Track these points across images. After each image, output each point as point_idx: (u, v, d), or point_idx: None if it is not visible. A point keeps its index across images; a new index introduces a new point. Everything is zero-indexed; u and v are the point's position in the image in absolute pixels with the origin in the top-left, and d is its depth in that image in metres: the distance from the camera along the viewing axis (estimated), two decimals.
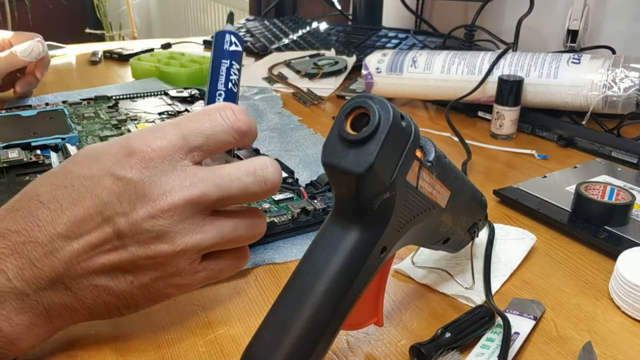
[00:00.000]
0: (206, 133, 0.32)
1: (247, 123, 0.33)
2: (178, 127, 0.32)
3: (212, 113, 0.33)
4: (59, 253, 0.31)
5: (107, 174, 0.31)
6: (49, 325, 0.32)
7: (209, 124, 0.33)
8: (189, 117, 0.33)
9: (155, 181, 0.31)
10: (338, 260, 0.28)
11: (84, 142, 0.62)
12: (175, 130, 0.32)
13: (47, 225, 0.30)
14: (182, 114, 0.72)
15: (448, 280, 0.42)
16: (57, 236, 0.30)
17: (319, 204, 0.48)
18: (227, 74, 0.40)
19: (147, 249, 0.31)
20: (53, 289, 0.31)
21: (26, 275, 0.30)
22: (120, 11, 3.20)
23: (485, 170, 0.63)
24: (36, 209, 0.31)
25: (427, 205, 0.32)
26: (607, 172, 0.59)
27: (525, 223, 0.51)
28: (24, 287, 0.30)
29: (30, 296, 0.31)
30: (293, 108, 0.82)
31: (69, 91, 0.87)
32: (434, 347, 0.33)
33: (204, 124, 0.33)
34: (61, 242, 0.31)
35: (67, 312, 0.32)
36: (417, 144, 0.29)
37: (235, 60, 0.40)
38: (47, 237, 0.30)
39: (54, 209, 0.31)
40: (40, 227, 0.30)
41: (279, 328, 0.27)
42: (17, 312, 0.30)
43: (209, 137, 0.32)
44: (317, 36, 1.14)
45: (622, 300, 0.39)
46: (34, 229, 0.30)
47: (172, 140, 0.32)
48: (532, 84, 0.71)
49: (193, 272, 0.33)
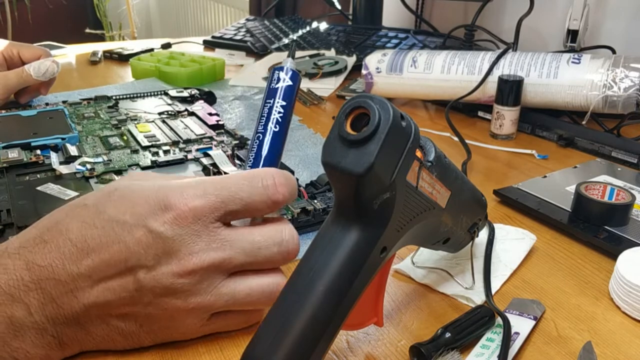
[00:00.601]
0: (245, 201, 0.32)
1: (285, 195, 0.33)
2: (218, 187, 0.32)
3: (254, 180, 0.33)
4: (79, 294, 0.31)
5: (139, 225, 0.31)
6: (59, 354, 0.33)
7: (248, 191, 0.32)
8: (231, 180, 0.33)
9: (186, 240, 0.31)
10: (338, 260, 0.28)
11: (84, 142, 0.62)
12: (215, 191, 0.32)
13: (71, 265, 0.31)
14: (182, 114, 0.72)
15: (448, 280, 0.42)
16: (79, 276, 0.31)
17: (319, 204, 0.48)
18: (268, 113, 0.38)
19: (161, 302, 0.32)
20: (69, 325, 0.32)
21: (47, 311, 0.31)
22: (120, 11, 3.20)
23: (485, 170, 0.63)
24: (64, 246, 0.31)
25: (427, 205, 0.32)
26: (607, 172, 0.59)
27: (525, 223, 0.51)
28: (44, 321, 0.31)
29: (48, 330, 0.31)
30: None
31: (69, 91, 0.87)
32: (434, 347, 0.33)
33: (244, 190, 0.32)
34: (82, 283, 0.31)
35: (77, 344, 0.33)
36: (417, 144, 0.29)
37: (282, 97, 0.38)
38: (69, 276, 0.31)
39: (81, 249, 0.31)
40: (65, 266, 0.31)
41: (279, 328, 0.27)
42: (35, 346, 0.31)
43: (246, 204, 0.32)
44: (317, 36, 1.14)
45: (622, 300, 0.39)
46: (59, 265, 0.31)
47: (210, 201, 0.31)
48: (532, 84, 0.71)
49: (200, 325, 0.34)
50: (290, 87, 0.39)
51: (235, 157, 0.58)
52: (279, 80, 0.39)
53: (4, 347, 0.30)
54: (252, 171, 0.34)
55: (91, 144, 0.62)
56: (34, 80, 0.74)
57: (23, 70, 0.73)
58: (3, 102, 0.74)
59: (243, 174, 0.33)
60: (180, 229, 0.31)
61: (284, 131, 0.39)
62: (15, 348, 0.30)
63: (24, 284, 0.30)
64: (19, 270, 0.30)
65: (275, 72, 0.39)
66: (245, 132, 0.70)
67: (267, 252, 0.33)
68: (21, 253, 0.31)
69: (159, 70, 0.93)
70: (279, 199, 0.33)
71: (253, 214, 0.34)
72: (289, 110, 0.39)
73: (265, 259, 0.33)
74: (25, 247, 0.31)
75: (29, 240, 0.31)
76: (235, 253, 0.32)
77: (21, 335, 0.30)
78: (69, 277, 0.31)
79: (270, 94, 0.38)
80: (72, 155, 0.57)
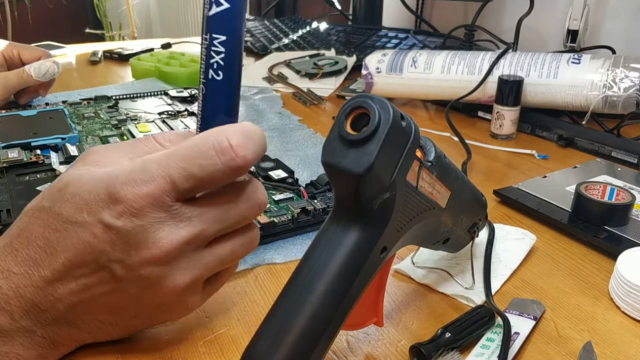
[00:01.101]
0: (197, 176, 0.29)
1: (246, 158, 0.29)
2: (165, 167, 0.29)
3: (205, 148, 0.29)
4: (58, 294, 0.30)
5: (96, 222, 0.29)
6: (55, 353, 0.32)
7: (200, 164, 0.29)
8: (179, 152, 0.29)
9: (148, 229, 0.29)
10: (338, 260, 0.28)
11: (84, 142, 0.62)
12: (162, 171, 0.29)
13: (44, 270, 0.30)
14: (182, 114, 0.72)
15: (448, 280, 0.42)
16: (54, 280, 0.30)
17: (319, 204, 0.48)
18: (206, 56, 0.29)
19: (148, 292, 0.31)
20: (58, 325, 0.31)
21: (31, 315, 0.30)
22: (120, 11, 3.20)
23: (485, 170, 0.63)
24: (34, 252, 0.30)
25: (427, 205, 0.32)
26: (607, 172, 0.59)
27: (525, 223, 0.51)
28: (30, 325, 0.31)
29: (36, 332, 0.31)
30: (293, 108, 0.82)
31: (69, 91, 0.87)
32: (434, 347, 0.33)
33: (195, 164, 0.29)
34: (58, 285, 0.30)
35: (73, 342, 0.33)
36: (417, 144, 0.29)
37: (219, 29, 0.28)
38: (44, 281, 0.30)
39: (50, 253, 0.30)
40: (40, 272, 0.30)
41: (279, 328, 0.27)
42: (26, 348, 0.31)
43: (200, 179, 0.29)
44: (317, 36, 1.14)
45: (622, 300, 0.39)
46: (34, 272, 0.30)
47: (159, 185, 0.29)
48: (532, 84, 0.71)
49: (198, 298, 0.33)
50: (229, 12, 0.28)
51: None
52: (211, 4, 0.28)
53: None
54: (202, 135, 0.29)
55: (91, 144, 0.62)
56: (35, 80, 0.74)
57: (23, 71, 0.73)
58: (3, 103, 0.74)
59: (193, 141, 0.29)
60: (138, 219, 0.29)
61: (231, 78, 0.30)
62: (5, 353, 0.30)
63: (2, 293, 0.30)
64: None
65: None
66: None
67: (237, 211, 0.31)
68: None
69: (159, 70, 0.93)
70: (239, 164, 0.29)
71: (213, 185, 0.30)
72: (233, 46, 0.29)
73: (237, 219, 0.32)
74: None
75: (1, 248, 0.31)
76: (206, 225, 0.30)
77: (9, 340, 0.30)
78: (44, 282, 0.30)
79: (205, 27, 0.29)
80: (72, 155, 0.57)
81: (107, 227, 0.29)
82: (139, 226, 0.29)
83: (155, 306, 0.32)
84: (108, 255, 0.30)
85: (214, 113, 0.31)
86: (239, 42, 0.29)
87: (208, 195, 0.31)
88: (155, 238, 0.29)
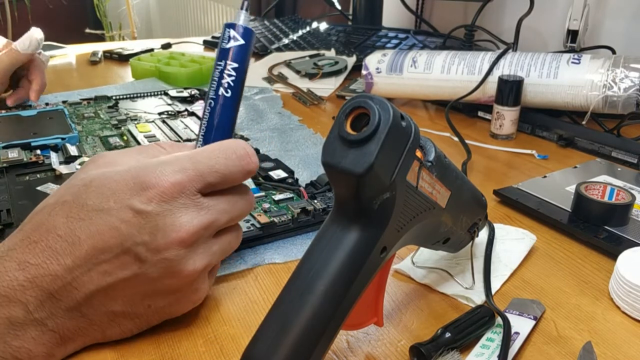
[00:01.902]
0: (221, 172, 0.34)
1: (257, 164, 0.36)
2: (195, 162, 0.34)
3: (228, 152, 0.35)
4: (78, 284, 0.31)
5: (125, 207, 0.32)
6: (62, 350, 0.33)
7: (224, 164, 0.34)
8: (205, 153, 0.34)
9: (175, 212, 0.32)
10: (338, 260, 0.28)
11: (84, 142, 0.62)
12: (192, 165, 0.33)
13: (65, 258, 0.31)
14: (182, 114, 0.72)
15: (448, 280, 0.42)
16: (75, 267, 0.31)
17: (319, 204, 0.48)
18: (219, 77, 0.36)
19: (169, 275, 0.33)
20: (71, 317, 0.32)
21: (46, 306, 0.31)
22: (120, 11, 3.20)
23: (485, 170, 0.63)
24: (54, 242, 0.31)
25: (427, 205, 0.32)
26: (607, 172, 0.59)
27: (525, 223, 0.51)
28: (43, 317, 0.31)
29: (48, 326, 0.31)
30: (293, 108, 0.82)
31: (69, 91, 0.87)
32: (434, 347, 0.33)
33: (220, 162, 0.34)
34: (79, 273, 0.31)
35: (81, 337, 0.33)
36: (417, 144, 0.29)
37: (233, 58, 0.36)
38: (65, 269, 0.31)
39: (72, 242, 0.31)
40: (59, 260, 0.31)
41: (279, 328, 0.27)
42: (37, 344, 0.31)
43: (223, 176, 0.34)
44: (317, 36, 1.14)
45: (622, 300, 0.39)
46: (52, 262, 0.31)
47: (189, 175, 0.33)
48: (532, 84, 0.71)
49: (206, 285, 0.36)
50: (243, 47, 0.36)
51: None
52: (229, 40, 0.36)
53: (6, 348, 0.30)
54: (223, 143, 0.35)
55: (91, 144, 0.62)
56: (23, 55, 0.75)
57: (11, 50, 0.75)
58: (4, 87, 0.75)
59: (215, 146, 0.35)
60: (167, 204, 0.32)
61: (237, 96, 0.37)
62: (16, 348, 0.30)
63: (18, 284, 0.30)
64: (11, 271, 0.30)
65: (226, 30, 0.36)
66: (246, 132, 0.70)
67: (240, 205, 0.36)
68: (11, 255, 0.31)
69: (159, 70, 0.93)
70: (253, 168, 0.36)
71: (230, 184, 0.35)
72: (241, 73, 0.37)
73: (239, 212, 0.36)
74: (14, 249, 0.31)
75: (17, 243, 0.32)
76: (219, 214, 0.34)
77: (22, 334, 0.31)
78: (64, 270, 0.31)
79: (221, 55, 0.36)
80: (72, 155, 0.57)
81: (136, 212, 0.32)
82: (167, 210, 0.32)
83: (170, 293, 0.34)
84: (134, 238, 0.31)
85: (218, 123, 0.37)
86: (245, 70, 0.37)
87: (218, 192, 0.35)
88: (181, 222, 0.32)
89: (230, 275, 0.42)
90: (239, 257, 0.44)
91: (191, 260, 0.33)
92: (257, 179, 0.52)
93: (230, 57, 0.36)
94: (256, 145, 0.64)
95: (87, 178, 0.33)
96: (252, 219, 0.46)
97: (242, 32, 0.36)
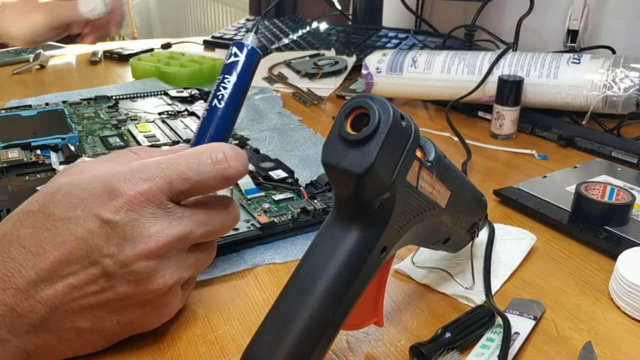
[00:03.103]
0: (193, 179, 0.32)
1: (238, 169, 0.33)
2: (165, 169, 0.32)
3: (202, 156, 0.32)
4: (41, 297, 0.30)
5: (92, 216, 0.30)
6: None
7: (196, 169, 0.32)
8: (178, 159, 0.32)
9: (144, 223, 0.31)
10: (338, 260, 0.28)
11: (84, 142, 0.62)
12: (161, 172, 0.31)
13: (28, 270, 0.29)
14: (182, 114, 0.72)
15: (448, 280, 0.42)
16: (40, 280, 0.29)
17: (319, 204, 0.48)
18: (215, 89, 0.37)
19: (138, 289, 0.31)
20: (35, 333, 0.30)
21: (8, 322, 0.29)
22: None
23: (485, 170, 0.63)
24: (17, 254, 0.30)
25: (427, 205, 0.32)
26: (607, 172, 0.59)
27: (525, 223, 0.51)
28: (5, 334, 0.29)
29: (11, 342, 0.30)
30: (293, 108, 0.82)
31: (69, 91, 0.87)
32: (434, 347, 0.33)
33: (192, 168, 0.32)
34: (43, 286, 0.30)
35: (49, 354, 0.31)
36: (417, 144, 0.29)
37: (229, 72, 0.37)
38: (28, 282, 0.29)
39: (37, 253, 0.30)
40: (22, 273, 0.29)
41: (279, 328, 0.27)
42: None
43: (195, 183, 0.32)
44: (317, 36, 1.14)
45: (622, 300, 0.39)
46: (15, 274, 0.29)
47: (158, 183, 0.31)
48: (532, 84, 0.71)
49: (177, 300, 0.34)
50: (243, 63, 0.38)
51: None
52: (230, 56, 0.38)
53: None
54: (200, 147, 0.33)
55: (91, 144, 0.62)
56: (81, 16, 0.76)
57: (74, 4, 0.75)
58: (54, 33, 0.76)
59: (191, 151, 0.33)
60: (135, 214, 0.30)
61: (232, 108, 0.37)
62: None
63: None
64: None
65: (231, 48, 0.38)
66: (246, 132, 0.70)
67: (220, 218, 0.34)
68: None
69: (159, 70, 0.93)
70: (232, 174, 0.33)
71: (205, 191, 0.33)
72: (238, 87, 0.37)
73: (219, 226, 0.34)
74: None
75: None
76: (195, 226, 0.32)
77: None
78: (27, 284, 0.29)
79: (222, 70, 0.38)
80: (72, 155, 0.57)
81: (103, 221, 0.30)
82: (135, 220, 0.30)
83: (139, 307, 0.32)
84: (101, 250, 0.30)
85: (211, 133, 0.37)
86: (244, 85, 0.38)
87: (197, 202, 0.34)
88: (150, 232, 0.31)
89: (230, 275, 0.42)
90: (239, 257, 0.44)
91: (161, 273, 0.31)
92: (257, 179, 0.52)
93: (229, 71, 0.37)
94: (256, 145, 0.64)
95: (54, 186, 0.32)
96: (252, 219, 0.46)
97: (244, 49, 0.38)
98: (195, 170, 0.32)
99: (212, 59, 0.95)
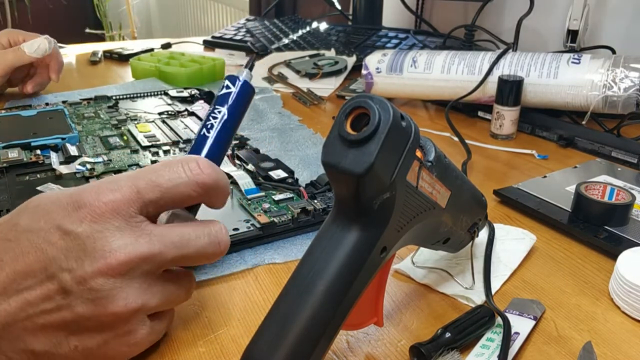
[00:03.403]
0: (163, 186, 0.30)
1: (213, 177, 0.31)
2: (134, 179, 0.30)
3: (173, 165, 0.31)
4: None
5: (54, 228, 0.28)
6: None
7: (167, 177, 0.30)
8: (148, 169, 0.31)
9: (107, 236, 0.28)
10: (338, 260, 0.28)
11: (84, 142, 0.62)
12: (129, 182, 0.30)
13: None
14: (182, 114, 0.72)
15: (448, 280, 0.42)
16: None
17: (319, 204, 0.48)
18: (205, 119, 0.37)
19: (96, 309, 0.28)
20: None
21: None
22: (120, 11, 3.20)
23: (485, 170, 0.63)
24: None
25: (427, 205, 0.32)
26: (607, 172, 0.59)
27: (525, 223, 0.51)
28: None
29: None
30: (293, 108, 0.82)
31: (69, 91, 0.87)
32: (434, 347, 0.33)
33: (162, 176, 0.30)
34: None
35: None
36: (417, 144, 0.29)
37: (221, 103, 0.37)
38: None
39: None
40: None
41: (279, 328, 0.27)
42: None
43: (166, 190, 0.30)
44: (317, 36, 1.14)
45: (622, 300, 0.39)
46: None
47: (125, 193, 0.29)
48: (532, 84, 0.71)
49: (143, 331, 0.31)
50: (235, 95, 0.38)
51: (235, 157, 0.58)
52: (223, 88, 0.38)
53: None
54: (172, 159, 0.32)
55: (91, 144, 0.62)
56: (28, 57, 0.78)
57: (18, 48, 0.78)
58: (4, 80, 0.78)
59: (162, 162, 0.32)
60: (98, 225, 0.28)
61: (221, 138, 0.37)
62: None
63: None
64: None
65: (224, 81, 0.39)
66: (246, 132, 0.70)
67: (198, 242, 0.31)
68: None
69: (159, 70, 0.93)
70: (205, 180, 0.31)
71: (177, 200, 0.31)
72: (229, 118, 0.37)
73: (197, 250, 0.31)
74: None
75: None
76: (165, 247, 0.30)
77: None
78: None
79: (214, 101, 0.38)
80: (72, 155, 0.57)
81: (65, 233, 0.28)
82: (98, 232, 0.28)
83: (99, 332, 0.29)
84: (59, 263, 0.28)
85: None
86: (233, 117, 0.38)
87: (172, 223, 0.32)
88: (112, 247, 0.28)
89: (230, 275, 0.42)
90: (239, 257, 0.44)
91: (122, 295, 0.29)
92: (257, 179, 0.52)
93: (220, 102, 0.38)
94: (256, 145, 0.64)
95: (29, 200, 0.31)
96: (252, 219, 0.46)
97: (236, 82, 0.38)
98: (165, 177, 0.30)
99: (212, 59, 0.95)
